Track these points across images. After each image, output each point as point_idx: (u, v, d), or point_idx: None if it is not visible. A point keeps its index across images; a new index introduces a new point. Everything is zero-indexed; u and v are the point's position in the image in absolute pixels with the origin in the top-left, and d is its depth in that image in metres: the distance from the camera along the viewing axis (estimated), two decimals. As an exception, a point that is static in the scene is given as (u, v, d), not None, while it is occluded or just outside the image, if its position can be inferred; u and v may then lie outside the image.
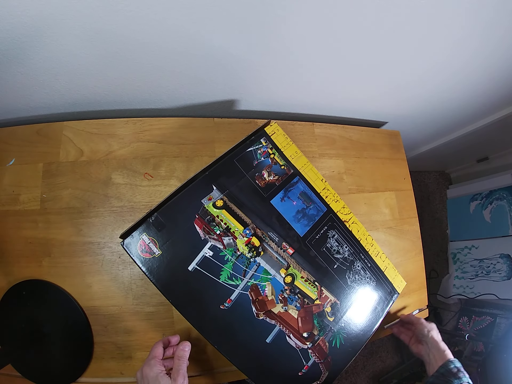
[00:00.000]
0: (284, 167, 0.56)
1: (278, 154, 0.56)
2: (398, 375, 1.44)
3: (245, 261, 0.49)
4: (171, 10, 0.39)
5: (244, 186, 0.52)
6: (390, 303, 0.59)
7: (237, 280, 0.48)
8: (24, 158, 0.56)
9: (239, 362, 0.46)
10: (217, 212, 0.49)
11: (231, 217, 0.50)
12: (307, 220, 0.55)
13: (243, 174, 0.52)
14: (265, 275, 0.50)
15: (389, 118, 0.88)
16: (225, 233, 0.49)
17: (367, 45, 0.53)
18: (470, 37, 0.55)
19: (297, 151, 0.58)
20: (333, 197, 0.59)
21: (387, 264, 0.60)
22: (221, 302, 0.46)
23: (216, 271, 0.47)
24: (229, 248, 0.48)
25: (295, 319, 0.50)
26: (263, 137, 0.56)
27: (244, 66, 0.54)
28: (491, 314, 1.42)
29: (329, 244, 0.56)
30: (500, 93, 0.83)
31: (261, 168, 0.54)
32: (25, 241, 0.53)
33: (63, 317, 0.52)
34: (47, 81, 0.50)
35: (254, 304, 0.48)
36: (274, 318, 0.49)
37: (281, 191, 0.54)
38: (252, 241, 0.50)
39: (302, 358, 0.50)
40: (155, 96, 0.61)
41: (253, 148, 0.54)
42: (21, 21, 0.37)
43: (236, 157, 0.53)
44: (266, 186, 0.54)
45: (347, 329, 0.54)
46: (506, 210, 1.35)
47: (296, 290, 0.51)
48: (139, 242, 0.43)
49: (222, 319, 0.46)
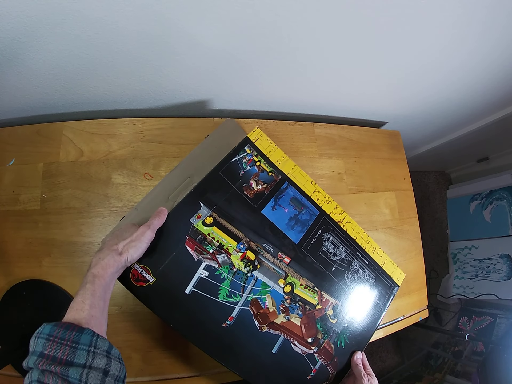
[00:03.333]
0: (272, 174, 0.54)
1: (264, 160, 0.54)
2: (398, 375, 1.44)
3: (242, 276, 0.48)
4: (172, 10, 0.39)
5: (233, 199, 0.50)
6: (391, 296, 0.59)
7: (236, 297, 0.47)
8: (24, 158, 0.56)
9: (248, 375, 0.47)
10: (208, 230, 0.48)
11: (223, 233, 0.48)
12: (301, 226, 0.54)
13: (230, 186, 0.51)
14: (264, 288, 0.49)
15: (389, 118, 0.88)
16: (218, 251, 0.47)
17: (366, 45, 0.53)
18: (467, 36, 0.56)
19: (283, 155, 0.56)
20: (324, 198, 0.58)
21: (384, 258, 0.60)
22: (223, 320, 0.46)
23: (214, 291, 0.46)
24: (224, 265, 0.47)
25: (299, 326, 0.50)
26: (247, 144, 0.54)
27: (244, 66, 0.54)
28: (491, 314, 1.42)
29: (325, 248, 0.55)
30: (500, 93, 0.83)
31: (248, 178, 0.52)
32: (25, 241, 0.53)
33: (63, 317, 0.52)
34: (47, 81, 0.50)
35: (256, 318, 0.48)
36: (277, 328, 0.49)
37: (272, 200, 0.53)
38: (247, 256, 0.49)
39: (309, 362, 0.50)
40: (155, 96, 0.61)
41: (238, 158, 0.53)
42: (21, 21, 0.37)
43: (220, 169, 0.51)
44: (255, 196, 0.52)
45: (351, 328, 0.54)
46: (506, 210, 1.35)
47: (297, 298, 0.51)
48: (131, 272, 0.42)
49: (226, 337, 0.46)
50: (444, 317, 1.60)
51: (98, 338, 0.32)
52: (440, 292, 1.59)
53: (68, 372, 0.29)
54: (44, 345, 0.30)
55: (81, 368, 0.30)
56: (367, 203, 0.73)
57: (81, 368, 0.30)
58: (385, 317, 0.67)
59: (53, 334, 0.31)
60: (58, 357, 0.29)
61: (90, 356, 0.31)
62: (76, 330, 0.31)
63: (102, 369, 0.31)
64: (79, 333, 0.31)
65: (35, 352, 0.30)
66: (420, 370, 1.44)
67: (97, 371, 0.30)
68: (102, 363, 0.31)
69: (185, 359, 0.54)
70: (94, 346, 0.31)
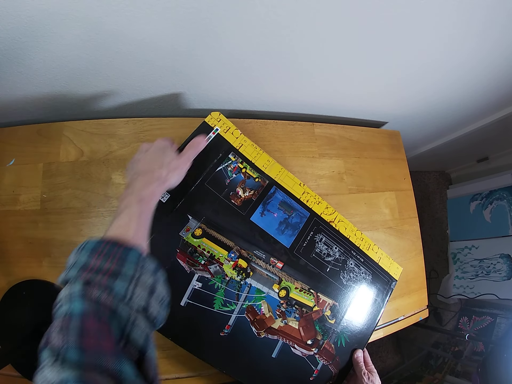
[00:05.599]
0: (259, 179, 0.54)
1: (250, 166, 0.54)
2: (398, 375, 1.44)
3: (236, 285, 0.48)
4: (172, 10, 0.39)
5: (220, 209, 0.50)
6: (389, 292, 0.59)
7: (232, 305, 0.47)
8: (24, 158, 0.56)
9: (250, 381, 0.47)
10: (198, 242, 0.48)
11: (213, 243, 0.49)
12: (292, 230, 0.54)
13: (217, 196, 0.51)
14: (258, 294, 0.49)
15: (389, 118, 0.88)
16: (210, 261, 0.48)
17: (366, 45, 0.53)
18: (467, 36, 0.56)
19: (269, 159, 0.56)
20: (314, 199, 0.57)
21: (380, 254, 0.60)
22: (220, 329, 0.46)
23: (209, 301, 0.46)
24: (217, 275, 0.48)
25: (297, 329, 0.50)
26: (231, 152, 0.53)
27: (244, 66, 0.54)
28: (491, 314, 1.42)
29: (318, 249, 0.55)
30: (500, 93, 0.83)
31: (234, 186, 0.52)
32: (25, 241, 0.53)
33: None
34: (47, 81, 0.50)
35: (253, 325, 0.48)
36: (275, 333, 0.49)
37: (260, 206, 0.53)
38: (239, 264, 0.49)
39: (310, 364, 0.50)
40: (156, 96, 0.61)
41: (223, 167, 0.52)
42: (21, 21, 0.37)
43: (206, 180, 0.51)
44: (243, 204, 0.52)
45: (350, 327, 0.54)
46: (506, 210, 1.35)
47: (293, 302, 0.51)
48: None
49: (225, 346, 0.46)
50: (444, 317, 1.60)
51: (146, 257, 0.31)
52: (440, 292, 1.59)
53: (113, 284, 0.27)
54: (89, 257, 0.28)
55: (128, 282, 0.28)
56: (367, 203, 0.73)
57: (128, 282, 0.28)
58: (385, 317, 0.67)
59: (99, 248, 0.29)
60: (104, 268, 0.28)
61: (138, 272, 0.29)
62: (123, 247, 0.30)
63: (148, 286, 0.29)
64: (127, 250, 0.30)
65: (77, 263, 0.28)
66: (420, 370, 1.44)
67: (143, 288, 0.29)
68: (149, 281, 0.30)
69: (185, 359, 0.54)
70: (141, 264, 0.30)
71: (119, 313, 0.27)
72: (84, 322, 0.24)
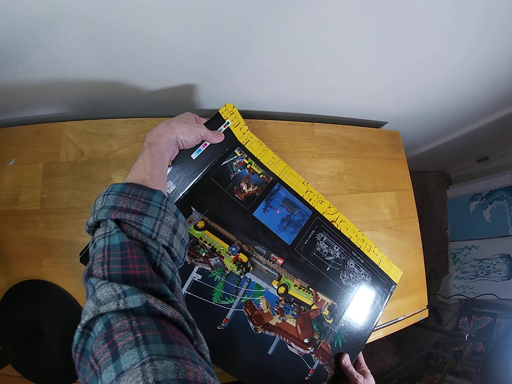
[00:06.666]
0: (263, 176, 0.54)
1: (255, 163, 0.54)
2: (398, 375, 1.44)
3: (235, 279, 0.48)
4: (172, 9, 0.39)
5: (224, 202, 0.50)
6: (388, 295, 0.59)
7: (230, 299, 0.47)
8: (24, 158, 0.56)
9: (244, 377, 0.46)
10: (200, 234, 0.48)
11: (215, 236, 0.49)
12: (293, 227, 0.54)
13: (221, 190, 0.51)
14: (257, 290, 0.49)
15: (389, 118, 0.88)
16: (211, 254, 0.48)
17: (365, 45, 0.53)
18: (465, 36, 0.56)
19: (274, 157, 0.56)
20: (317, 198, 0.57)
21: (380, 257, 0.60)
22: (217, 323, 0.46)
23: (207, 294, 0.46)
24: (217, 268, 0.48)
25: (294, 327, 0.50)
26: (237, 147, 0.53)
27: (244, 67, 0.54)
28: (491, 314, 1.42)
29: (318, 248, 0.55)
30: (500, 93, 0.83)
31: (239, 181, 0.52)
32: (25, 241, 0.53)
33: (63, 317, 0.52)
34: (47, 81, 0.50)
35: (251, 320, 0.48)
36: (272, 330, 0.49)
37: (263, 202, 0.53)
38: (239, 258, 0.49)
39: (306, 363, 0.50)
40: (156, 96, 0.61)
41: (228, 161, 0.52)
42: (21, 21, 0.37)
43: (211, 173, 0.51)
44: (246, 199, 0.52)
45: (348, 328, 0.54)
46: (506, 210, 1.35)
47: (291, 299, 0.51)
48: None
49: (221, 340, 0.46)
50: (444, 317, 1.60)
51: (168, 201, 0.33)
52: (440, 292, 1.59)
53: (142, 222, 0.30)
54: (116, 199, 0.31)
55: (154, 220, 0.30)
56: (367, 203, 0.73)
57: (154, 220, 0.30)
58: (385, 317, 0.67)
59: (125, 191, 0.31)
60: (132, 208, 0.30)
61: (162, 213, 0.32)
62: (148, 190, 0.32)
63: (171, 226, 0.32)
64: (152, 193, 0.32)
65: (105, 206, 0.30)
66: (420, 370, 1.44)
67: (167, 227, 0.31)
68: (172, 221, 0.32)
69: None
70: (165, 205, 0.32)
71: (150, 247, 0.30)
72: (122, 254, 0.27)
